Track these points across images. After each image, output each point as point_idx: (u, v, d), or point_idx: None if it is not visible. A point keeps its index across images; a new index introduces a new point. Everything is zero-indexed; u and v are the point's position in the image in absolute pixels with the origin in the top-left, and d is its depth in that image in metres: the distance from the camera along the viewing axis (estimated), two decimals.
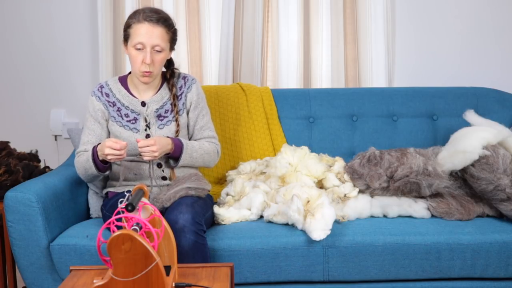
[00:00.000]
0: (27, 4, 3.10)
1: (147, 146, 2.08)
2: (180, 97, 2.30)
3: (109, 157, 2.05)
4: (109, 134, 2.29)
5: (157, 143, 2.09)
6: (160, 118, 2.26)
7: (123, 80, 2.31)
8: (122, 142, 2.04)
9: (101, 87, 2.29)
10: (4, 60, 3.15)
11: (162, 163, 2.25)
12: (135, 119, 2.25)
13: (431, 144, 2.62)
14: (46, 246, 2.11)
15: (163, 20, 2.18)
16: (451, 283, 2.17)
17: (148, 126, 2.25)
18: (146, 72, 2.16)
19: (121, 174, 2.17)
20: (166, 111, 2.27)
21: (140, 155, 2.13)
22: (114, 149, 2.02)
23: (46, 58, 3.13)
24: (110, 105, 2.26)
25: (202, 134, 2.33)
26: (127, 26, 2.19)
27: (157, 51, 2.16)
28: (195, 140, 2.33)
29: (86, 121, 2.28)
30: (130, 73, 2.32)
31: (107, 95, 2.27)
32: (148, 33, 2.14)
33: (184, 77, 2.33)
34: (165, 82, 2.31)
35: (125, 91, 2.28)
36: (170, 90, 2.28)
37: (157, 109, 2.26)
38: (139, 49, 2.15)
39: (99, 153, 2.11)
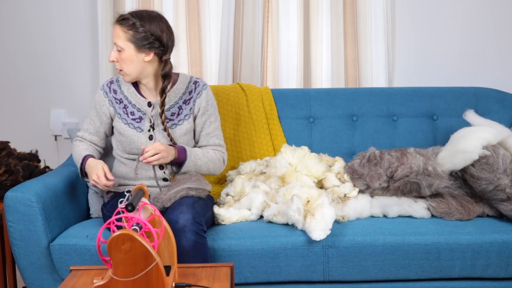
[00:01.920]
0: (27, 4, 3.10)
1: (150, 153, 2.11)
2: (188, 101, 2.27)
3: (92, 182, 2.13)
4: (110, 131, 2.30)
5: (162, 145, 2.13)
6: (166, 120, 2.24)
7: None
8: (113, 180, 2.10)
9: (111, 82, 2.30)
10: (4, 60, 3.15)
11: (164, 164, 2.25)
12: (140, 118, 2.25)
13: (431, 144, 2.62)
14: (46, 246, 2.11)
15: (122, 19, 2.16)
16: (451, 283, 2.17)
17: (152, 127, 2.24)
18: (118, 69, 2.21)
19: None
20: (172, 114, 2.26)
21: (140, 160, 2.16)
22: (101, 182, 2.09)
23: (46, 58, 3.13)
24: (116, 102, 2.26)
25: (208, 141, 2.30)
26: None
27: (118, 50, 2.18)
28: (201, 146, 2.31)
29: (90, 111, 2.32)
30: None
31: (115, 91, 2.28)
32: (114, 34, 2.19)
33: (196, 82, 2.30)
34: (173, 86, 2.27)
35: (133, 89, 2.27)
36: (160, 95, 2.21)
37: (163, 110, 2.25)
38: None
39: (86, 168, 2.17)
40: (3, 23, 3.12)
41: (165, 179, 2.24)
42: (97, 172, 2.10)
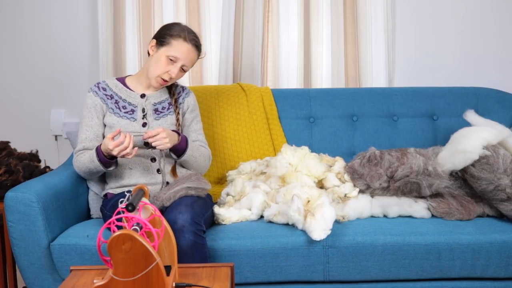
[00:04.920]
0: (27, 4, 3.10)
1: (156, 135, 2.12)
2: (177, 99, 2.37)
3: (115, 153, 2.08)
4: (104, 129, 2.32)
5: (165, 130, 2.14)
6: (157, 113, 2.32)
7: (120, 79, 2.39)
8: (121, 137, 2.07)
9: (98, 83, 2.35)
10: (4, 60, 3.15)
11: (162, 168, 2.27)
12: (133, 111, 2.30)
13: (431, 144, 2.62)
14: (47, 246, 2.11)
15: (200, 47, 2.31)
16: (451, 283, 2.17)
17: (145, 116, 2.29)
18: (165, 81, 2.27)
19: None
20: (163, 108, 2.33)
21: (150, 147, 2.18)
22: (120, 146, 2.06)
23: (46, 58, 3.13)
24: (108, 98, 2.30)
25: (197, 137, 2.38)
26: (171, 35, 2.25)
27: (183, 70, 2.28)
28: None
29: (83, 118, 2.30)
30: (127, 76, 2.40)
31: (104, 89, 2.32)
32: (186, 53, 2.25)
33: (183, 87, 2.44)
34: (164, 86, 2.37)
35: (122, 85, 2.35)
36: (171, 96, 2.36)
37: (155, 103, 2.33)
38: (171, 60, 2.24)
39: (103, 151, 2.14)
40: (3, 23, 3.12)
41: (158, 170, 2.28)
42: (109, 147, 2.06)
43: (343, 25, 3.03)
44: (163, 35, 2.27)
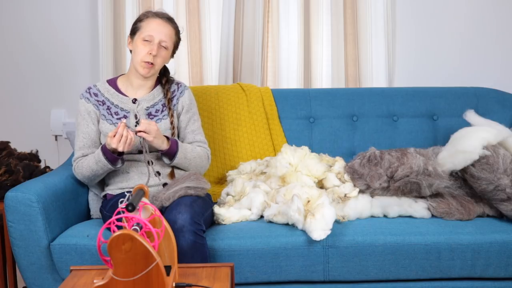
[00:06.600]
0: (27, 4, 3.10)
1: (149, 127, 2.12)
2: (171, 99, 2.34)
3: (120, 149, 2.09)
4: (100, 135, 2.31)
5: (157, 131, 2.14)
6: (150, 117, 2.29)
7: (111, 82, 2.35)
8: (119, 130, 2.08)
9: (89, 88, 2.33)
10: (4, 60, 3.15)
11: (161, 171, 2.27)
12: (125, 117, 2.28)
13: (431, 144, 2.62)
14: (47, 246, 2.11)
15: (173, 21, 2.30)
16: (451, 283, 2.17)
17: (138, 122, 2.27)
18: (148, 63, 2.22)
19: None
20: (156, 111, 2.30)
21: (140, 152, 2.18)
22: (120, 139, 2.06)
23: (47, 58, 3.14)
24: (100, 104, 2.28)
25: (194, 137, 2.35)
26: (139, 20, 2.28)
27: (163, 47, 2.24)
28: (188, 143, 2.34)
29: (79, 125, 2.29)
30: (120, 76, 2.38)
31: (96, 95, 2.30)
32: (159, 28, 2.24)
33: (178, 83, 2.39)
34: (158, 84, 2.35)
35: (114, 90, 2.31)
36: (165, 94, 2.32)
37: (147, 107, 2.30)
38: (147, 40, 2.22)
39: (108, 148, 2.14)
40: (3, 23, 3.12)
41: (164, 185, 2.25)
42: (113, 145, 2.07)
43: (343, 25, 3.03)
44: (134, 24, 2.29)
